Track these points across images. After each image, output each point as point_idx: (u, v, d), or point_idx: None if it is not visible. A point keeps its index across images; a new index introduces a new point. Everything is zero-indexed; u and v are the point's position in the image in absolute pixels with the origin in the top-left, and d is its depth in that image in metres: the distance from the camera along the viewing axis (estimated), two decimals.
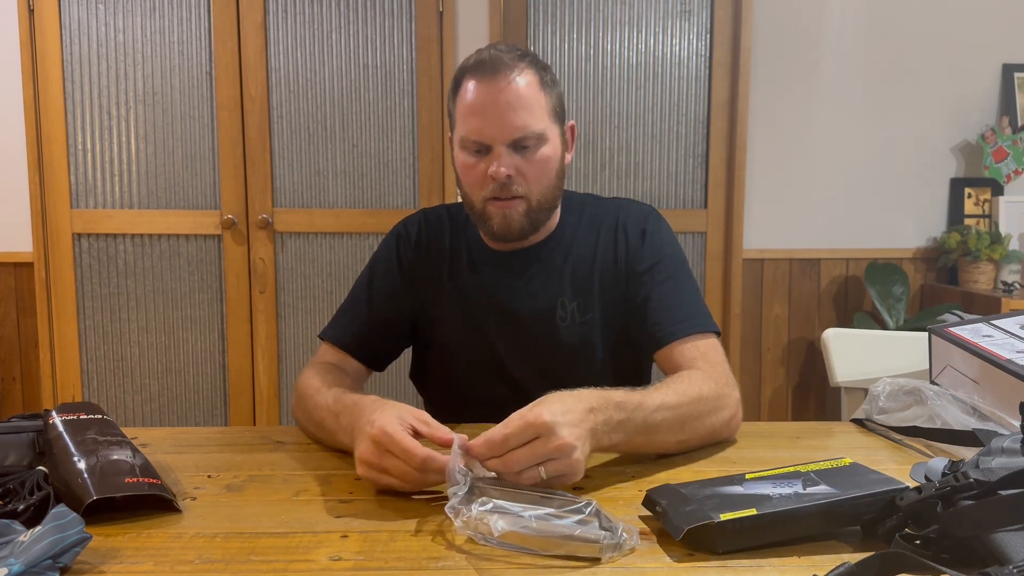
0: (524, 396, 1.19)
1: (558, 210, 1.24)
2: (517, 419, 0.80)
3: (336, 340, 1.22)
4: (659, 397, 0.94)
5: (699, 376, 1.03)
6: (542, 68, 1.12)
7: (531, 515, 0.69)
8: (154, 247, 2.65)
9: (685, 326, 1.12)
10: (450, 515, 0.71)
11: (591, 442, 0.84)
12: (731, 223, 2.74)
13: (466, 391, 1.25)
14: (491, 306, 1.21)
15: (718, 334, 1.15)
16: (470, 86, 1.10)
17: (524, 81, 1.08)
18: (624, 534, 0.69)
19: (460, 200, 1.22)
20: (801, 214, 2.80)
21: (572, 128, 1.20)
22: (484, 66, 1.09)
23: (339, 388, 1.05)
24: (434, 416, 1.30)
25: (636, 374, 1.27)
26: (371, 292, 1.26)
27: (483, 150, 1.10)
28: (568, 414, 0.82)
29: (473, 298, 1.22)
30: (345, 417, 0.96)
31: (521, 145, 1.09)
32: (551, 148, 1.12)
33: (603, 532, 0.68)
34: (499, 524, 0.68)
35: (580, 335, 1.20)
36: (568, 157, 1.19)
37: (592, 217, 1.25)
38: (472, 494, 0.74)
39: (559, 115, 1.15)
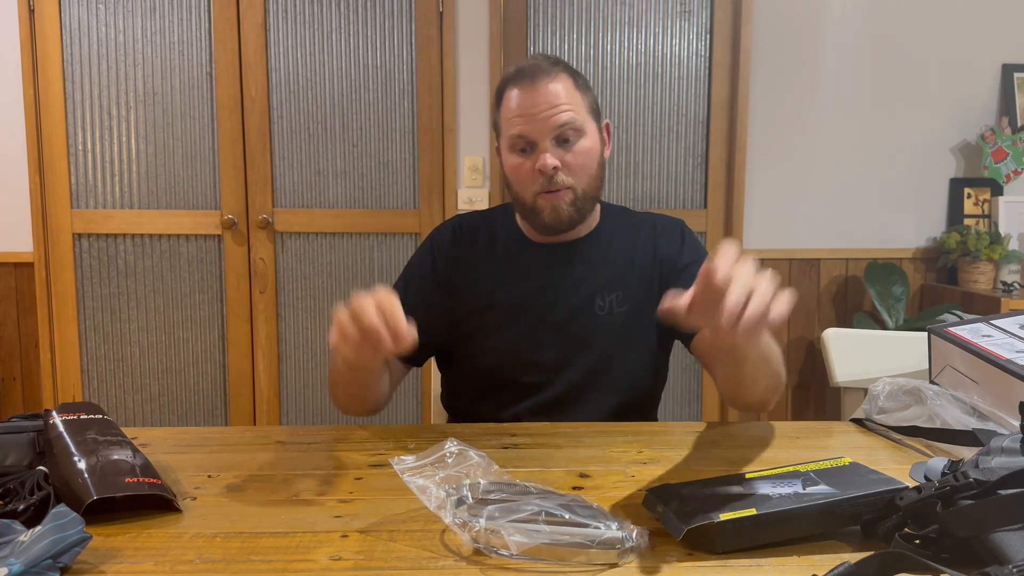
0: (548, 380, 1.22)
1: (597, 210, 1.31)
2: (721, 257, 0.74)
3: None
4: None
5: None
6: (576, 73, 1.23)
7: (544, 525, 0.69)
8: (154, 247, 2.65)
9: None
10: (455, 529, 0.70)
11: None
12: (731, 223, 2.75)
13: (496, 376, 1.27)
14: (529, 295, 1.26)
15: None
16: (513, 94, 1.19)
17: (561, 83, 1.18)
18: (637, 537, 0.69)
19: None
20: (801, 214, 2.80)
21: (607, 126, 1.28)
22: (524, 73, 1.19)
23: None
24: (458, 397, 1.34)
25: (658, 364, 1.32)
26: (407, 296, 1.27)
27: (529, 148, 1.19)
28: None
29: (511, 288, 1.27)
30: None
31: (563, 138, 1.18)
32: (591, 140, 1.21)
33: (620, 534, 0.68)
34: (515, 538, 0.67)
35: (616, 326, 1.25)
36: (606, 152, 1.27)
37: (629, 225, 1.33)
38: (469, 503, 0.73)
39: (595, 112, 1.24)
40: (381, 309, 0.86)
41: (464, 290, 1.28)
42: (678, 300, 0.74)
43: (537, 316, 1.25)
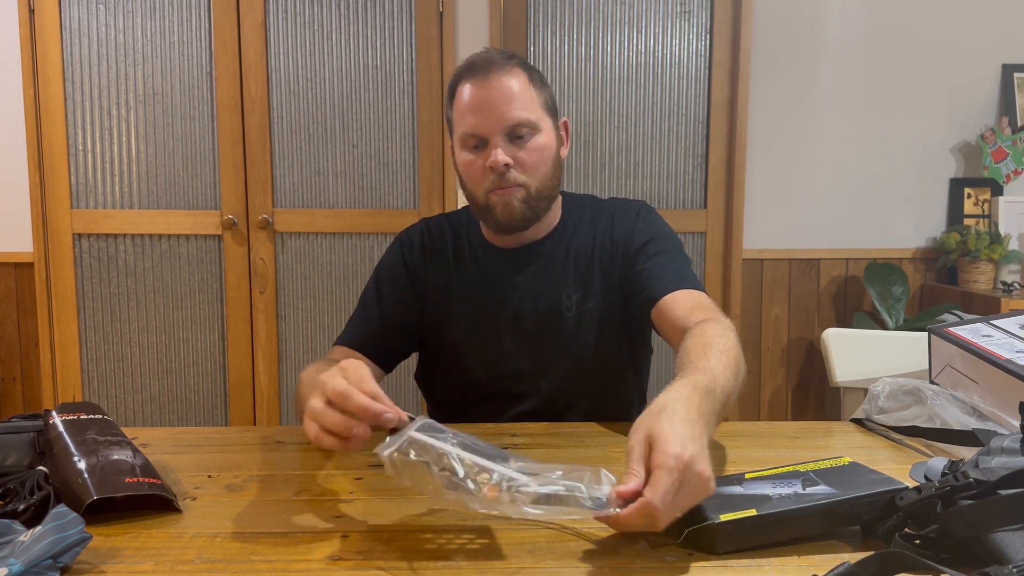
0: (528, 388, 1.22)
1: (559, 208, 1.28)
2: (664, 474, 0.65)
3: (347, 342, 1.24)
4: (716, 362, 0.90)
5: (716, 327, 1.00)
6: (531, 69, 1.18)
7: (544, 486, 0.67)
8: (154, 247, 2.65)
9: (676, 283, 1.15)
10: (455, 492, 0.67)
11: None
12: (731, 223, 2.75)
13: (472, 387, 1.26)
14: (497, 302, 1.24)
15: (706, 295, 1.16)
16: (465, 88, 1.16)
17: (514, 78, 1.14)
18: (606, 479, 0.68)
19: (458, 207, 1.24)
20: (801, 214, 2.80)
21: (566, 124, 1.25)
22: (476, 67, 1.15)
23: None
24: (439, 413, 1.32)
25: (637, 359, 1.31)
26: (380, 296, 1.28)
27: (481, 144, 1.15)
28: (692, 440, 0.69)
29: (480, 296, 1.24)
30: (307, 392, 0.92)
31: (516, 135, 1.14)
32: (545, 137, 1.17)
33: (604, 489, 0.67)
34: (528, 489, 0.66)
35: (584, 325, 1.23)
36: (564, 151, 1.23)
37: (591, 216, 1.29)
38: (455, 472, 0.68)
39: (551, 109, 1.20)
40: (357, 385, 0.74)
41: (433, 301, 1.26)
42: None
43: (508, 325, 1.23)
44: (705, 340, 0.96)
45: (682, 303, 1.11)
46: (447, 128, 1.24)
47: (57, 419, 0.87)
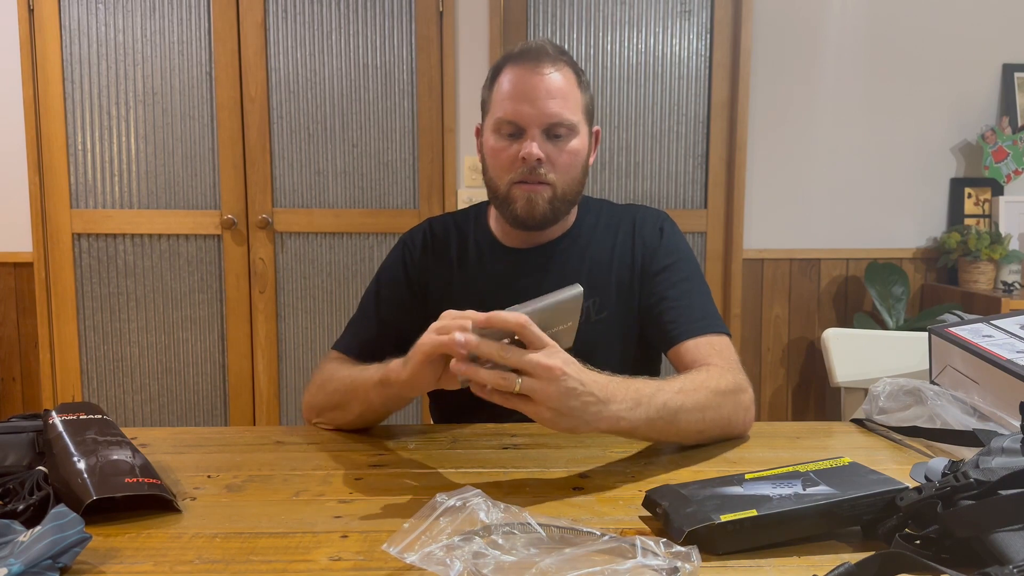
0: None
1: (575, 209, 1.26)
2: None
3: (345, 349, 1.22)
4: (678, 384, 0.95)
5: (717, 370, 1.03)
6: (579, 70, 1.18)
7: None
8: (154, 247, 2.65)
9: (699, 325, 1.13)
10: None
11: (602, 400, 0.85)
12: (731, 223, 2.74)
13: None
14: (502, 303, 1.21)
15: (729, 337, 1.16)
16: (511, 72, 1.13)
17: (563, 74, 1.13)
18: (679, 562, 0.61)
19: (459, 208, 1.22)
20: (801, 214, 2.80)
21: (597, 133, 1.24)
22: (528, 54, 1.13)
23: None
24: (442, 416, 1.31)
25: (649, 375, 1.28)
26: (379, 302, 1.26)
27: (517, 133, 1.13)
28: (576, 366, 0.84)
29: (484, 296, 1.22)
30: (374, 368, 1.01)
31: (554, 133, 1.13)
32: (580, 142, 1.16)
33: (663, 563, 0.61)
34: None
35: (595, 333, 1.21)
36: (591, 159, 1.22)
37: (609, 221, 1.27)
38: (485, 552, 0.62)
39: (590, 115, 1.19)
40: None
41: (437, 302, 1.23)
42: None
43: None
44: (689, 372, 1.03)
45: (703, 351, 1.10)
46: (480, 108, 1.21)
47: (57, 419, 0.87)
